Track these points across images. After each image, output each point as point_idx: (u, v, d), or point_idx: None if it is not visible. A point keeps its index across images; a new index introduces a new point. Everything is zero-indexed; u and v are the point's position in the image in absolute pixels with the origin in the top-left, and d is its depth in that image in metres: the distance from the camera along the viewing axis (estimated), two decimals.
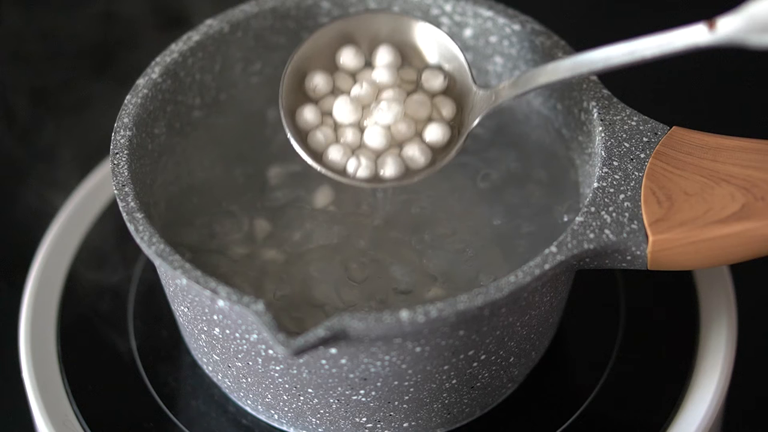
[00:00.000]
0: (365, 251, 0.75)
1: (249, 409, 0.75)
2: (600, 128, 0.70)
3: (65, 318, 0.80)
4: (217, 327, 0.68)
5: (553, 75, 0.68)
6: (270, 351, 0.67)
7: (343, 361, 0.66)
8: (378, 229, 0.76)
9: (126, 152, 0.70)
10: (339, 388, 0.68)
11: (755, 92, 1.04)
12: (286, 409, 0.71)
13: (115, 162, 0.69)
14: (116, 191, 0.68)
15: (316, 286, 0.74)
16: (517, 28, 0.75)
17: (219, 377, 0.74)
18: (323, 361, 0.66)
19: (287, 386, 0.69)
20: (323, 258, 0.75)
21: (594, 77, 0.72)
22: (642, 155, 0.69)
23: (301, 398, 0.70)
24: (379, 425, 0.71)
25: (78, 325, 0.80)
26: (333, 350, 0.65)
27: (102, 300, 0.81)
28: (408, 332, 0.64)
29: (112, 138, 0.71)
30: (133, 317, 0.80)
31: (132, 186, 0.68)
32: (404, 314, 0.63)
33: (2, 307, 0.88)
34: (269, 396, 0.71)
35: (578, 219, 0.67)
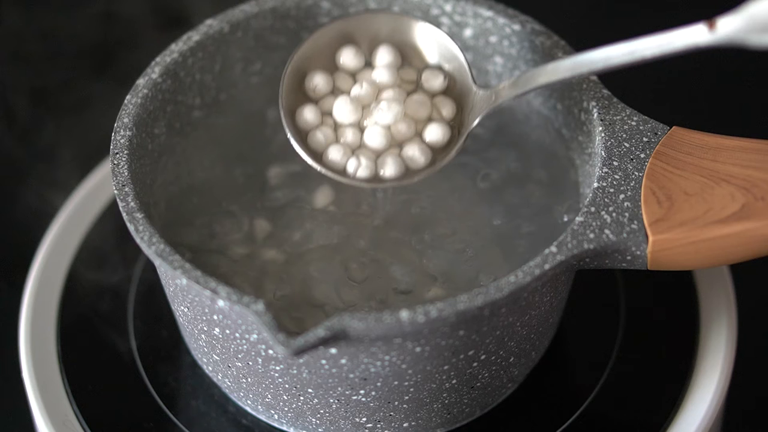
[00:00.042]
0: (365, 251, 0.75)
1: (249, 409, 0.75)
2: (600, 128, 0.70)
3: (65, 318, 0.80)
4: (217, 327, 0.68)
5: (553, 75, 0.68)
6: (270, 351, 0.67)
7: (343, 361, 0.66)
8: (378, 229, 0.76)
9: (126, 152, 0.70)
10: (339, 388, 0.68)
11: (755, 92, 1.04)
12: (286, 409, 0.71)
13: (115, 162, 0.69)
14: (116, 191, 0.68)
15: (316, 286, 0.74)
16: (517, 28, 0.75)
17: (219, 377, 0.74)
18: (323, 361, 0.66)
19: (287, 386, 0.69)
20: (323, 258, 0.75)
21: (594, 77, 0.72)
22: (642, 155, 0.69)
23: (301, 398, 0.70)
24: (379, 425, 0.71)
25: (78, 325, 0.80)
26: (333, 350, 0.65)
27: (102, 300, 0.81)
28: (408, 332, 0.64)
29: (112, 138, 0.71)
30: (133, 317, 0.80)
31: (132, 186, 0.68)
32: (404, 314, 0.63)
33: (2, 307, 0.88)
34: (269, 396, 0.71)
35: (578, 219, 0.67)
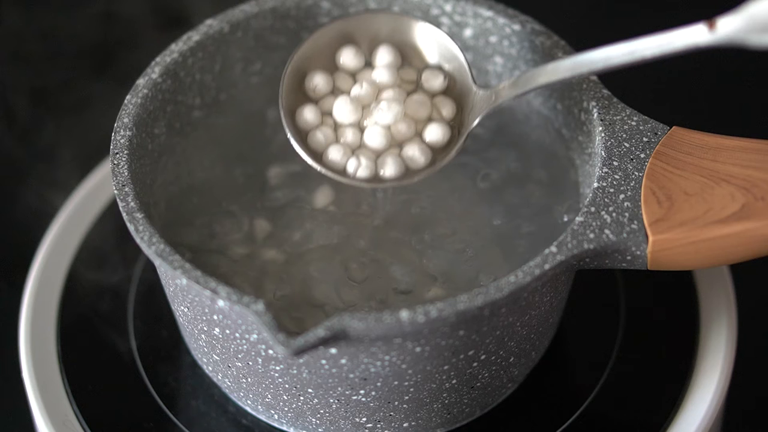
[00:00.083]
0: (365, 251, 0.75)
1: (249, 409, 0.75)
2: (600, 128, 0.70)
3: (65, 318, 0.80)
4: (217, 327, 0.68)
5: (553, 75, 0.68)
6: (270, 351, 0.67)
7: (343, 361, 0.66)
8: (378, 229, 0.76)
9: (126, 152, 0.70)
10: (339, 388, 0.68)
11: (755, 92, 1.04)
12: (286, 409, 0.71)
13: (115, 162, 0.69)
14: (116, 191, 0.68)
15: (316, 286, 0.74)
16: (517, 28, 0.75)
17: (219, 377, 0.74)
18: (323, 361, 0.66)
19: (287, 386, 0.69)
20: (323, 258, 0.75)
21: (594, 77, 0.72)
22: (642, 155, 0.69)
23: (301, 398, 0.70)
24: (379, 425, 0.71)
25: (78, 325, 0.80)
26: (333, 350, 0.65)
27: (102, 300, 0.81)
28: (408, 332, 0.64)
29: (112, 138, 0.71)
30: (133, 317, 0.80)
31: (132, 186, 0.68)
32: (404, 314, 0.63)
33: (2, 307, 0.88)
34: (269, 396, 0.71)
35: (578, 219, 0.67)
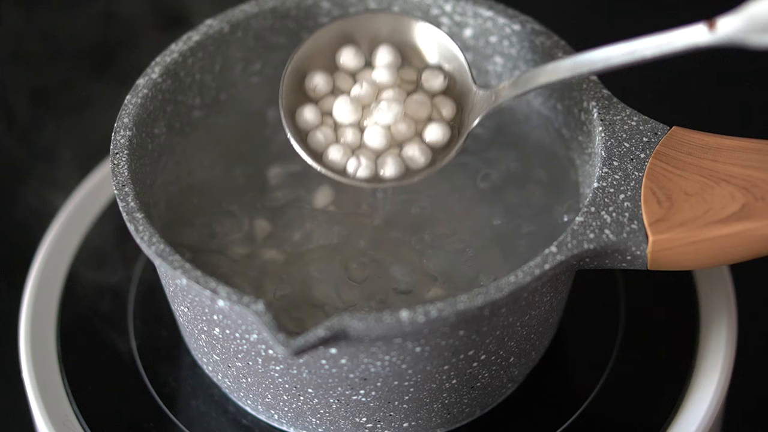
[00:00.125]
0: (365, 251, 0.75)
1: (249, 409, 0.75)
2: (600, 128, 0.70)
3: (65, 318, 0.80)
4: (217, 327, 0.68)
5: (553, 75, 0.68)
6: (270, 351, 0.67)
7: (343, 361, 0.66)
8: (378, 229, 0.76)
9: (126, 152, 0.70)
10: (339, 388, 0.68)
11: (755, 92, 1.04)
12: (286, 409, 0.71)
13: (115, 162, 0.69)
14: (116, 191, 0.68)
15: (316, 286, 0.74)
16: (517, 28, 0.75)
17: (219, 377, 0.74)
18: (323, 361, 0.66)
19: (287, 386, 0.69)
20: (323, 258, 0.75)
21: (594, 77, 0.72)
22: (642, 155, 0.69)
23: (301, 398, 0.70)
24: (379, 425, 0.71)
25: (78, 325, 0.80)
26: (333, 350, 0.65)
27: (102, 300, 0.81)
28: (408, 332, 0.64)
29: (112, 138, 0.71)
30: (133, 317, 0.80)
31: (132, 186, 0.68)
32: (404, 314, 0.63)
33: (2, 307, 0.88)
34: (269, 396, 0.71)
35: (578, 219, 0.67)
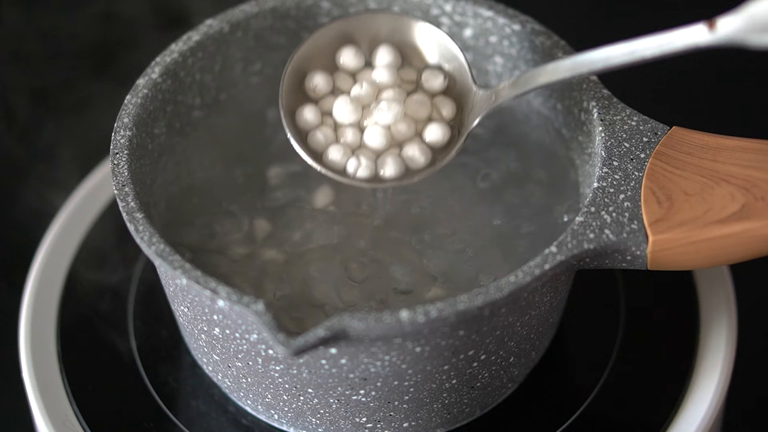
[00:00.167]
0: (365, 251, 0.75)
1: (249, 409, 0.75)
2: (600, 128, 0.70)
3: (65, 318, 0.80)
4: (217, 327, 0.68)
5: (553, 75, 0.68)
6: (270, 351, 0.67)
7: (343, 361, 0.66)
8: (378, 229, 0.76)
9: (126, 152, 0.70)
10: (339, 388, 0.68)
11: (755, 92, 1.04)
12: (286, 409, 0.71)
13: (115, 162, 0.69)
14: (116, 191, 0.68)
15: (316, 286, 0.74)
16: (517, 28, 0.75)
17: (219, 377, 0.74)
18: (323, 361, 0.66)
19: (287, 386, 0.69)
20: (323, 258, 0.75)
21: (594, 77, 0.72)
22: (642, 155, 0.69)
23: (301, 398, 0.70)
24: (379, 425, 0.71)
25: (78, 325, 0.80)
26: (333, 350, 0.65)
27: (102, 300, 0.81)
28: (408, 332, 0.64)
29: (112, 138, 0.71)
30: (133, 317, 0.80)
31: (132, 186, 0.68)
32: (404, 314, 0.63)
33: (2, 307, 0.88)
34: (269, 396, 0.71)
35: (578, 219, 0.67)
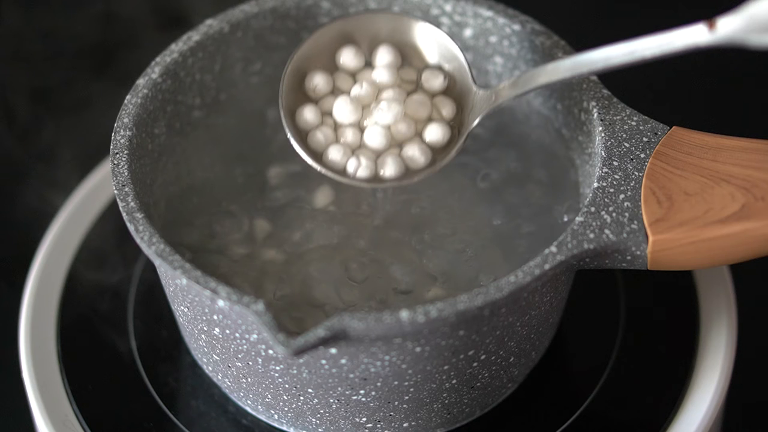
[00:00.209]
0: (365, 251, 0.75)
1: (249, 409, 0.75)
2: (600, 128, 0.70)
3: (65, 318, 0.80)
4: (217, 327, 0.68)
5: (553, 75, 0.68)
6: (270, 351, 0.67)
7: (343, 361, 0.66)
8: (378, 229, 0.76)
9: (126, 152, 0.70)
10: (339, 388, 0.68)
11: (755, 92, 1.04)
12: (286, 409, 0.71)
13: (115, 162, 0.69)
14: (116, 191, 0.68)
15: (316, 286, 0.74)
16: (517, 28, 0.75)
17: (219, 377, 0.74)
18: (323, 361, 0.66)
19: (287, 386, 0.69)
20: (323, 258, 0.75)
21: (594, 77, 0.72)
22: (642, 155, 0.69)
23: (301, 398, 0.70)
24: (379, 425, 0.71)
25: (78, 325, 0.80)
26: (333, 350, 0.65)
27: (102, 300, 0.81)
28: (408, 332, 0.64)
29: (112, 138, 0.71)
30: (133, 317, 0.80)
31: (132, 186, 0.68)
32: (404, 314, 0.63)
33: (2, 307, 0.88)
34: (269, 396, 0.71)
35: (578, 219, 0.67)
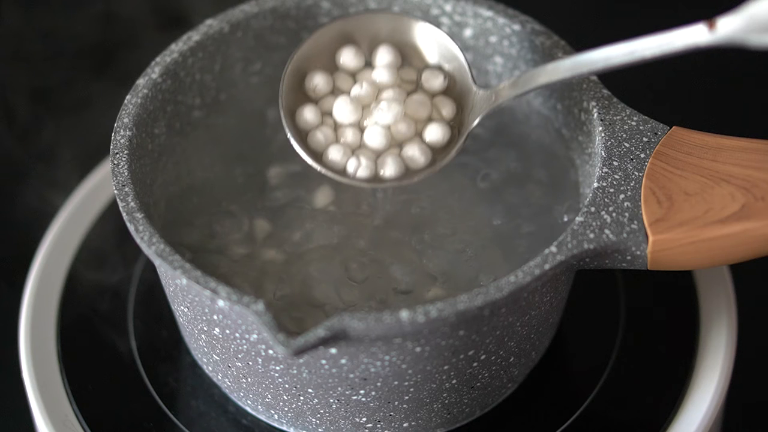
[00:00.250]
0: (365, 251, 0.75)
1: (249, 409, 0.75)
2: (600, 128, 0.70)
3: (65, 318, 0.80)
4: (217, 327, 0.68)
5: (553, 75, 0.68)
6: (270, 351, 0.67)
7: (343, 361, 0.66)
8: (378, 229, 0.76)
9: (126, 152, 0.70)
10: (339, 388, 0.68)
11: (755, 92, 1.04)
12: (286, 409, 0.71)
13: (115, 162, 0.69)
14: (116, 191, 0.68)
15: (316, 286, 0.74)
16: (517, 28, 0.75)
17: (219, 377, 0.74)
18: (323, 361, 0.66)
19: (287, 386, 0.69)
20: (323, 258, 0.75)
21: (594, 77, 0.72)
22: (642, 155, 0.69)
23: (301, 398, 0.70)
24: (379, 425, 0.71)
25: (78, 325, 0.80)
26: (333, 350, 0.65)
27: (102, 300, 0.81)
28: (408, 332, 0.64)
29: (112, 138, 0.71)
30: (133, 317, 0.80)
31: (132, 186, 0.68)
32: (404, 314, 0.63)
33: (2, 307, 0.88)
34: (269, 396, 0.71)
35: (578, 219, 0.67)
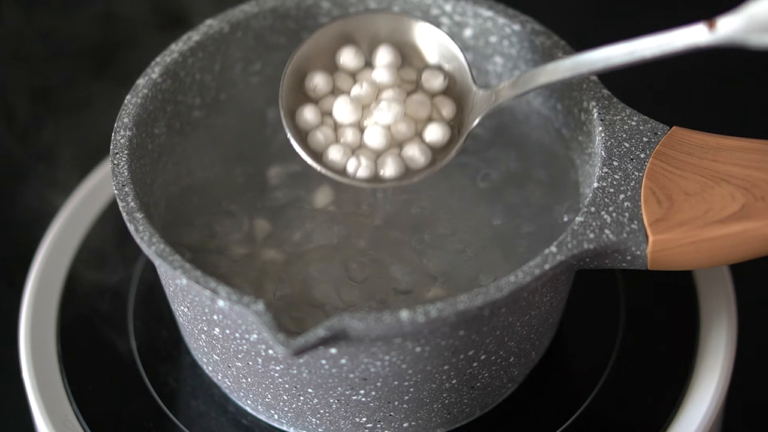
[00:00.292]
0: (365, 251, 0.75)
1: (249, 409, 0.75)
2: (600, 128, 0.70)
3: (65, 318, 0.80)
4: (217, 327, 0.68)
5: (553, 75, 0.68)
6: (270, 351, 0.67)
7: (343, 361, 0.66)
8: (378, 229, 0.76)
9: (126, 152, 0.70)
10: (339, 388, 0.68)
11: (755, 92, 1.04)
12: (286, 409, 0.71)
13: (115, 162, 0.69)
14: (116, 191, 0.68)
15: (316, 286, 0.74)
16: (517, 28, 0.75)
17: (219, 377, 0.74)
18: (323, 361, 0.66)
19: (287, 386, 0.69)
20: (323, 258, 0.75)
21: (594, 77, 0.72)
22: (642, 155, 0.69)
23: (301, 398, 0.70)
24: (379, 425, 0.71)
25: (78, 325, 0.80)
26: (333, 350, 0.65)
27: (102, 300, 0.81)
28: (408, 332, 0.64)
29: (112, 138, 0.71)
30: (133, 317, 0.80)
31: (132, 186, 0.68)
32: (404, 314, 0.63)
33: (2, 307, 0.88)
34: (269, 396, 0.71)
35: (578, 219, 0.67)
